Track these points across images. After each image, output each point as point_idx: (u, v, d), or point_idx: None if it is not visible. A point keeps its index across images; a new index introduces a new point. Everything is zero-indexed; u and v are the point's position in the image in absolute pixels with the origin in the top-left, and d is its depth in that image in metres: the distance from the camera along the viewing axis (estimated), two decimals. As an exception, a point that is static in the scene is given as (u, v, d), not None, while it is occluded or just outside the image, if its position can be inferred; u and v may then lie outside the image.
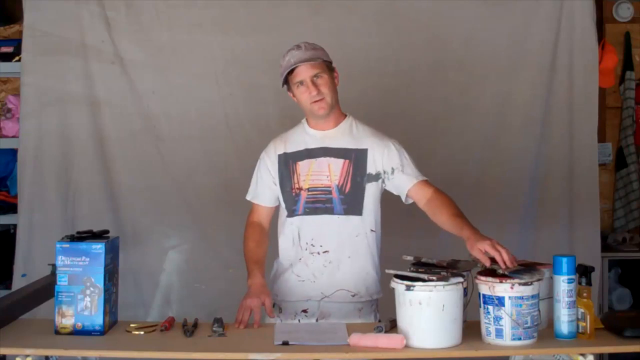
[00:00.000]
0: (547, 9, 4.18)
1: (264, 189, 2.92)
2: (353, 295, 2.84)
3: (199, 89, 4.14)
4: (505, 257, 2.45)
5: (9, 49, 4.36)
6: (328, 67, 2.84)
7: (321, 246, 2.83)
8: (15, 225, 4.19)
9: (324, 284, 2.83)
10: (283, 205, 2.89)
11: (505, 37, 4.19)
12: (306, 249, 2.84)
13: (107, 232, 2.70)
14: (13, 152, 4.36)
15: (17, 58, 4.24)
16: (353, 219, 2.82)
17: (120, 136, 4.12)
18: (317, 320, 2.82)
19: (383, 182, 2.86)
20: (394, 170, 2.84)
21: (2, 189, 4.50)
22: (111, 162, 4.11)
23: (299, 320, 2.83)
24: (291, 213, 2.86)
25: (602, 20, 4.92)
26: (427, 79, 4.18)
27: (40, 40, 4.08)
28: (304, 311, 2.85)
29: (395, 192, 2.88)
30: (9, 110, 4.39)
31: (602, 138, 4.81)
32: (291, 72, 2.79)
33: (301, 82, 2.79)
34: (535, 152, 4.21)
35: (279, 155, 2.89)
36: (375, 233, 2.86)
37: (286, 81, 2.85)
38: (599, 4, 4.54)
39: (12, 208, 4.29)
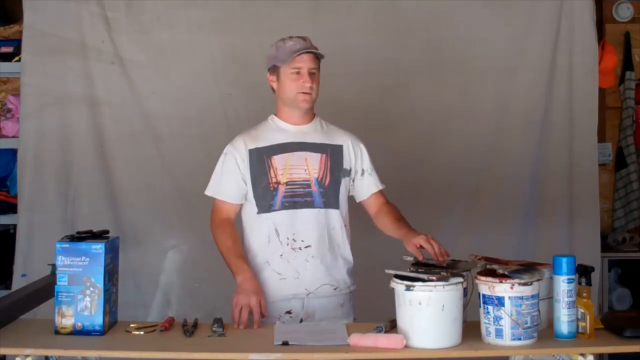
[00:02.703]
0: (547, 9, 4.18)
1: (230, 185, 2.85)
2: (335, 289, 2.84)
3: (199, 89, 4.14)
4: (437, 250, 2.57)
5: (9, 49, 4.36)
6: (320, 67, 2.84)
7: (302, 241, 2.79)
8: (15, 225, 4.19)
9: (308, 280, 2.80)
10: (253, 202, 2.82)
11: (505, 37, 4.20)
12: (287, 244, 2.79)
13: (107, 232, 2.69)
14: (13, 152, 4.35)
15: (17, 58, 4.24)
16: (332, 212, 2.82)
17: (120, 136, 4.12)
18: (301, 320, 2.79)
19: (352, 180, 2.88)
20: (364, 172, 2.89)
21: (2, 189, 4.49)
22: (111, 162, 4.12)
23: (283, 323, 2.79)
24: (266, 208, 2.79)
25: (602, 20, 4.92)
26: (427, 78, 4.19)
27: (40, 40, 4.08)
28: (288, 312, 2.80)
29: (350, 193, 2.92)
30: (9, 110, 4.38)
31: (602, 138, 4.82)
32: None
33: (298, 71, 2.76)
34: (535, 152, 4.21)
35: (250, 151, 2.83)
36: (347, 228, 2.88)
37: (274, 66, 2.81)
38: (599, 4, 4.55)
39: (12, 208, 4.29)
